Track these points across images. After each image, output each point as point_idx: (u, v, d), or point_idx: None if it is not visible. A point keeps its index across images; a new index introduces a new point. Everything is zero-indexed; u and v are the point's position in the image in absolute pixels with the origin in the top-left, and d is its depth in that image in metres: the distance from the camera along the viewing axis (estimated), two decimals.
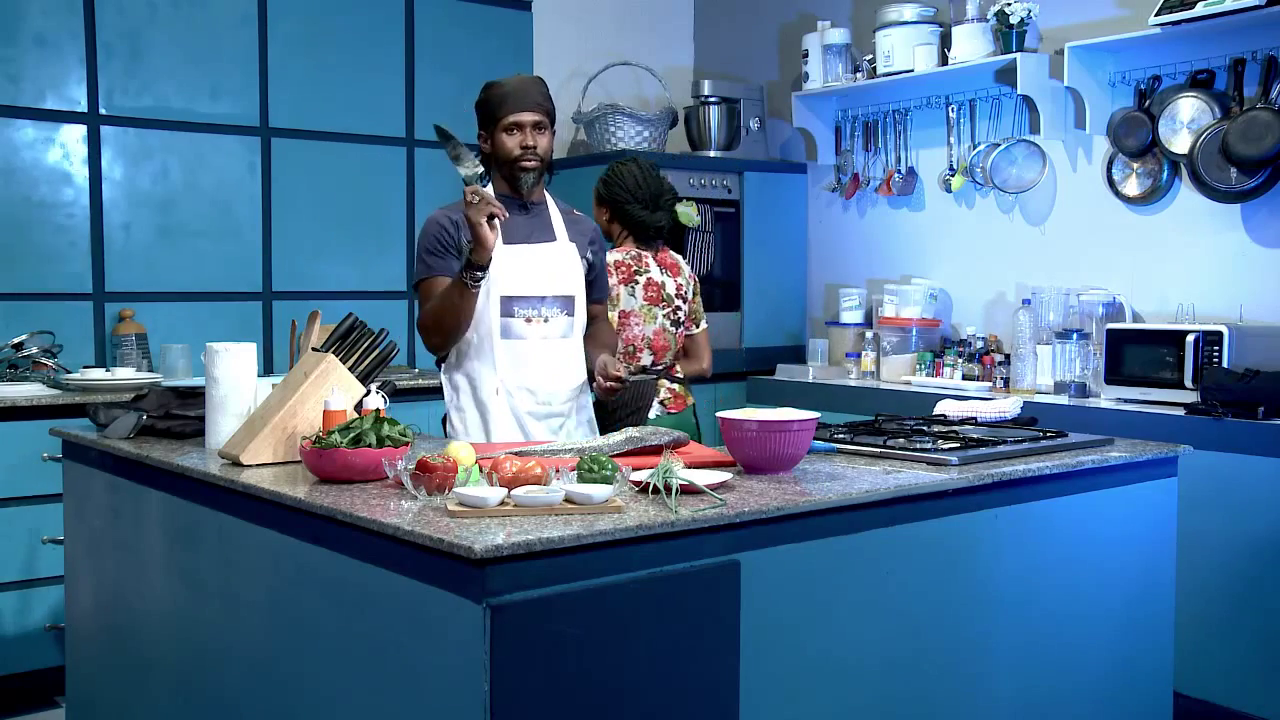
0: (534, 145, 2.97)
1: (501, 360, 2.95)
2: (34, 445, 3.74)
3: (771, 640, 2.01)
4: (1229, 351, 3.68)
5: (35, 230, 4.21)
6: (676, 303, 3.63)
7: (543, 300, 2.98)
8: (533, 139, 2.97)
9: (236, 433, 2.48)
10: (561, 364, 3.02)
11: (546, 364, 2.99)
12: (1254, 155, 3.84)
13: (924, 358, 4.73)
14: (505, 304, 2.94)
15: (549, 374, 2.99)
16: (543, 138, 2.99)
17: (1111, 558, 2.62)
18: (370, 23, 4.84)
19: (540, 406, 2.99)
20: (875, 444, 2.56)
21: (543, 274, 2.99)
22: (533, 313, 2.97)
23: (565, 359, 3.03)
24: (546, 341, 2.99)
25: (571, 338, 3.04)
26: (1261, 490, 3.42)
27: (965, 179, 4.77)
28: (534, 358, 2.97)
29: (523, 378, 2.97)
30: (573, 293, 3.03)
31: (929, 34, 4.75)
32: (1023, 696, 2.44)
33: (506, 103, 2.97)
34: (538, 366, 2.98)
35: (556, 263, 3.02)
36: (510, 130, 2.97)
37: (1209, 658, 3.50)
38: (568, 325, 3.02)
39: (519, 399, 2.97)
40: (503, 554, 1.68)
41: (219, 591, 2.36)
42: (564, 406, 3.03)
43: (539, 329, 2.97)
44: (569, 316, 3.02)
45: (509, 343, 2.95)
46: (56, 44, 4.21)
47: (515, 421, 2.97)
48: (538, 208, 3.08)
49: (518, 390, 2.97)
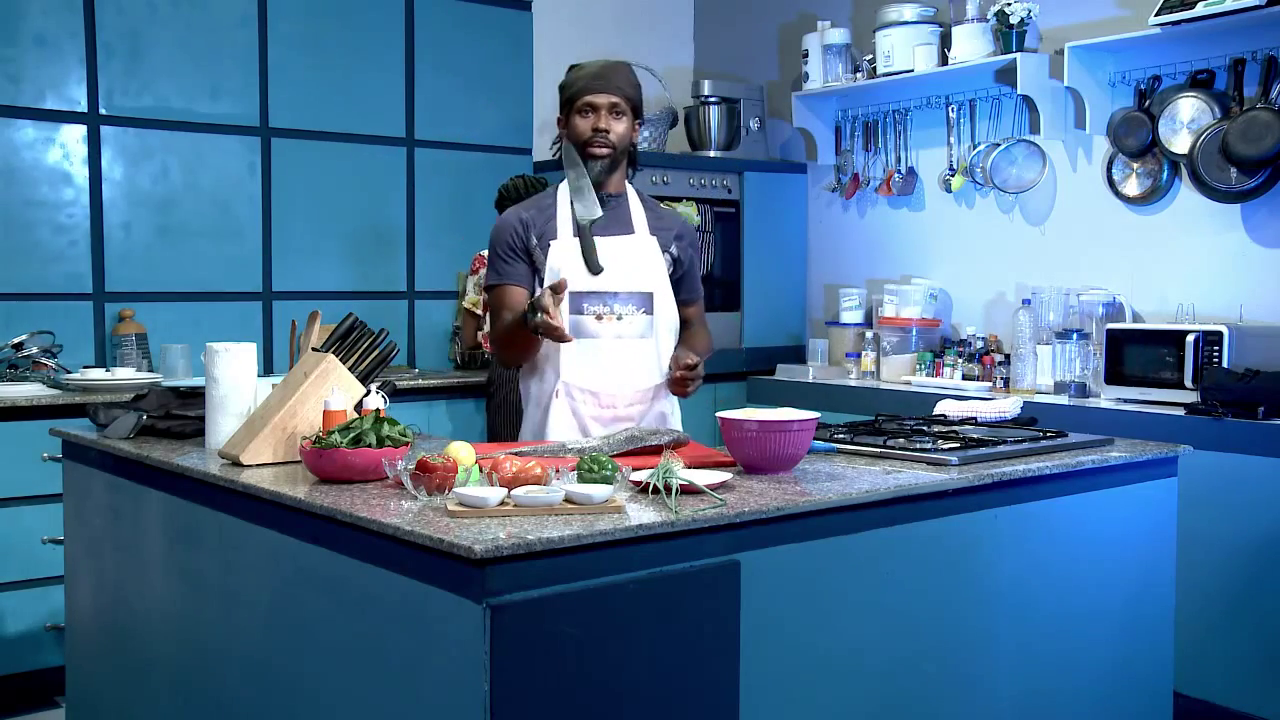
0: (606, 129, 2.80)
1: (568, 360, 2.78)
2: (34, 445, 3.74)
3: (771, 640, 2.01)
4: (1229, 351, 3.68)
5: (35, 230, 4.21)
6: None
7: (615, 296, 2.80)
8: (606, 123, 2.80)
9: (236, 433, 2.48)
10: (634, 366, 2.82)
11: (617, 365, 2.80)
12: (1254, 155, 3.84)
13: (924, 358, 4.73)
14: (574, 300, 2.76)
15: (618, 376, 2.81)
16: (619, 123, 2.82)
17: (1111, 558, 2.62)
18: (370, 23, 4.84)
19: (604, 410, 2.81)
20: (875, 444, 2.56)
21: (615, 269, 2.80)
22: (604, 309, 2.79)
23: (640, 360, 2.83)
24: (621, 341, 2.80)
25: (651, 338, 2.85)
26: (1261, 490, 3.42)
27: (965, 179, 4.77)
28: (604, 358, 2.79)
29: (588, 379, 2.79)
30: (651, 289, 2.84)
31: (929, 34, 4.75)
32: (1023, 696, 2.44)
33: (583, 83, 2.81)
34: (607, 367, 2.80)
35: (632, 256, 2.83)
36: (584, 112, 2.81)
37: (1209, 658, 3.50)
38: (646, 324, 2.83)
39: (581, 402, 2.80)
40: (503, 554, 1.68)
41: (219, 591, 2.36)
42: (632, 411, 2.83)
43: (611, 326, 2.79)
44: (648, 315, 2.83)
45: (578, 342, 2.76)
46: (56, 44, 4.21)
47: (577, 427, 2.80)
48: (616, 199, 2.89)
49: (580, 393, 2.80)
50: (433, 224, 5.03)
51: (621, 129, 2.83)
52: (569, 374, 2.80)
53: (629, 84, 2.85)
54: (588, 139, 2.81)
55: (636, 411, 2.84)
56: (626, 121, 2.85)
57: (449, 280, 5.05)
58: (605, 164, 2.83)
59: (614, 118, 2.82)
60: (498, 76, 5.14)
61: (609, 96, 2.81)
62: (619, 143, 2.83)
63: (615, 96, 2.81)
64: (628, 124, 2.85)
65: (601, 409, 2.81)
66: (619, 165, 2.88)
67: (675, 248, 2.94)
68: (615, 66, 2.87)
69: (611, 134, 2.81)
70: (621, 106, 2.83)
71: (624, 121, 2.84)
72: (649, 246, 2.87)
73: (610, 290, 2.81)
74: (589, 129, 2.81)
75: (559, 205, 2.87)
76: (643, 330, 2.84)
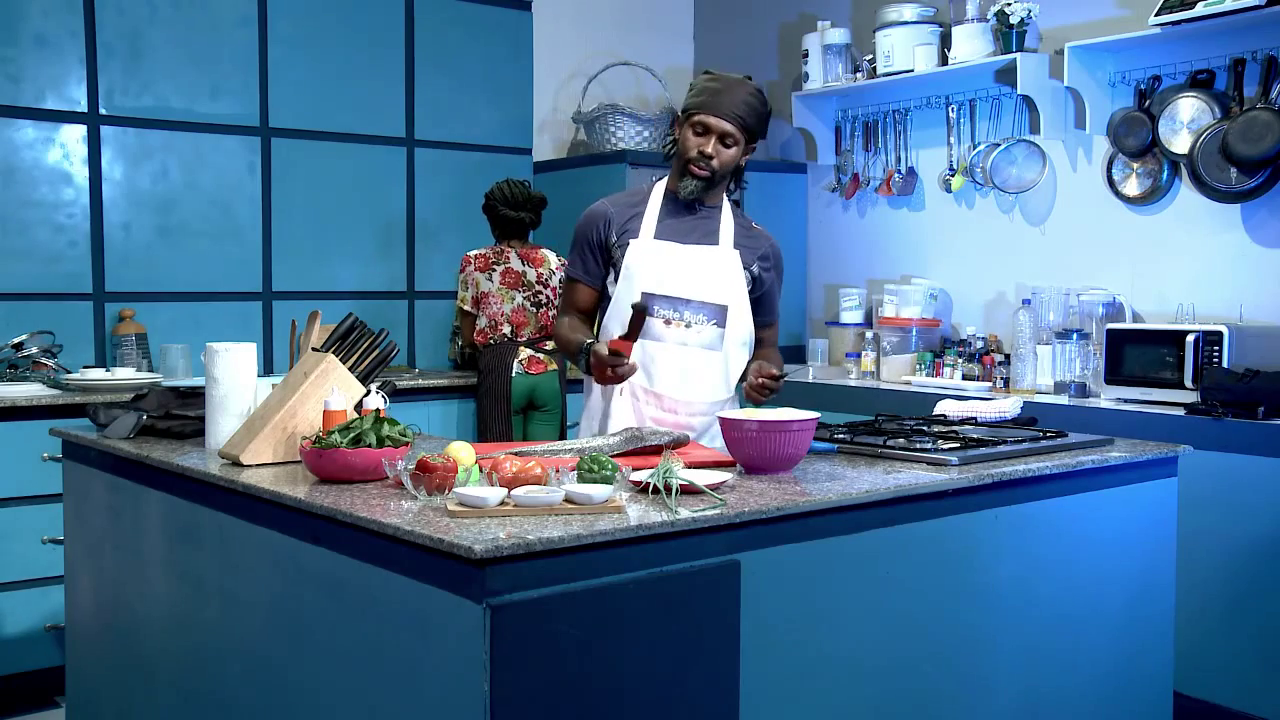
0: (713, 155, 2.76)
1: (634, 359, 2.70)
2: (34, 445, 3.74)
3: (771, 640, 2.01)
4: (1229, 351, 3.68)
5: (35, 230, 4.21)
6: (537, 287, 4.54)
7: (687, 303, 2.79)
8: (714, 149, 2.76)
9: (236, 433, 2.48)
10: (698, 374, 2.80)
11: (680, 371, 2.79)
12: (1254, 155, 3.84)
13: (924, 358, 4.73)
14: (646, 300, 2.74)
15: (681, 382, 2.79)
16: (727, 151, 2.77)
17: (1111, 557, 2.62)
18: (370, 23, 4.84)
19: (666, 414, 2.79)
20: (875, 444, 2.56)
21: (691, 276, 2.79)
22: (673, 314, 2.78)
23: (704, 370, 2.81)
24: (685, 348, 2.79)
25: (720, 351, 2.82)
26: (1261, 490, 3.42)
27: (965, 179, 4.77)
28: (666, 362, 2.78)
29: (651, 381, 2.79)
30: (726, 302, 2.81)
31: (929, 34, 4.75)
32: (1023, 696, 2.44)
33: (705, 99, 2.75)
34: (669, 372, 2.79)
35: (710, 267, 2.81)
36: (695, 129, 2.77)
37: (1209, 658, 3.50)
38: (715, 336, 2.81)
39: (644, 403, 2.79)
40: (503, 554, 1.68)
41: (219, 591, 2.36)
42: (694, 421, 2.81)
43: (678, 333, 2.78)
44: (718, 327, 2.81)
45: (643, 343, 2.75)
46: (56, 44, 4.21)
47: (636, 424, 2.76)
48: (709, 210, 2.88)
49: (644, 394, 2.79)
50: (433, 224, 5.03)
51: (728, 156, 2.79)
52: (635, 376, 2.76)
53: (750, 110, 2.78)
54: (692, 158, 2.78)
55: (699, 422, 2.82)
56: (737, 149, 2.80)
57: (449, 280, 5.05)
58: (699, 186, 2.81)
59: (722, 145, 2.77)
60: (498, 76, 5.14)
61: (724, 123, 2.75)
62: (721, 169, 2.80)
63: (730, 125, 2.75)
64: (737, 151, 2.80)
65: (663, 412, 2.80)
66: (720, 184, 2.86)
67: (758, 266, 2.92)
68: (740, 87, 2.78)
69: (716, 160, 2.77)
70: (736, 136, 2.77)
71: (734, 150, 2.79)
72: (730, 260, 2.85)
73: (684, 297, 2.79)
74: (695, 149, 2.77)
75: (649, 203, 2.87)
76: (711, 341, 2.82)
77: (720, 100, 2.75)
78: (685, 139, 2.79)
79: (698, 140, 2.77)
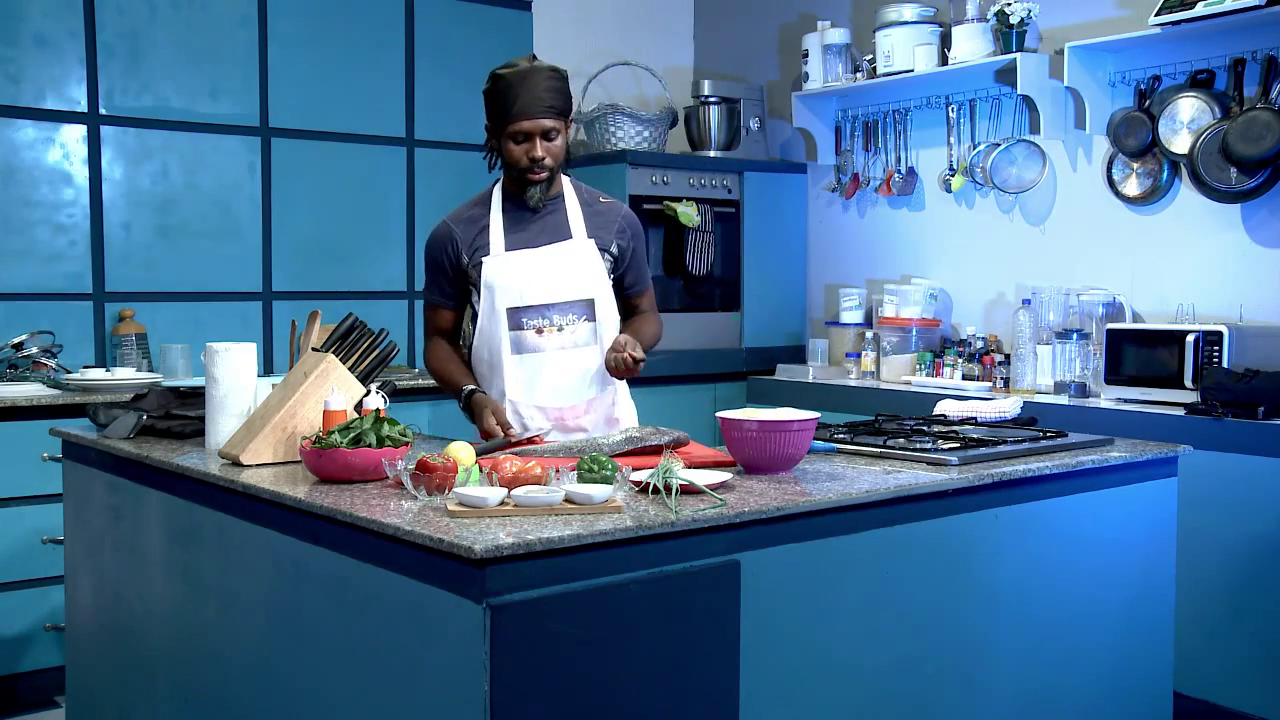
0: (542, 157, 2.71)
1: (513, 376, 2.75)
2: (34, 445, 3.74)
3: (771, 640, 2.01)
4: (1229, 351, 3.68)
5: (35, 230, 4.21)
6: None
7: (552, 307, 2.76)
8: (541, 150, 2.70)
9: (236, 433, 2.48)
10: (581, 376, 2.79)
11: (563, 377, 2.77)
12: (1254, 155, 3.84)
13: (924, 358, 4.73)
14: (512, 316, 2.74)
15: (566, 388, 2.78)
16: (554, 144, 2.72)
17: (1111, 558, 2.62)
18: (370, 23, 4.84)
19: (554, 424, 2.77)
20: (875, 444, 2.56)
21: (551, 279, 2.76)
22: (543, 322, 2.75)
23: (586, 369, 2.79)
24: (564, 352, 2.76)
25: (596, 345, 2.80)
26: (1261, 490, 3.42)
27: (965, 179, 4.77)
28: (548, 371, 2.76)
29: (535, 394, 2.77)
30: (592, 295, 2.78)
31: (929, 34, 4.75)
32: (1023, 696, 2.44)
33: (512, 108, 2.68)
34: (552, 381, 2.77)
35: (568, 264, 2.78)
36: (517, 138, 2.71)
37: (1209, 658, 3.50)
38: (589, 332, 2.79)
39: (529, 418, 2.77)
40: (503, 554, 1.68)
41: (219, 591, 2.36)
42: (582, 422, 2.81)
43: (554, 339, 2.75)
44: (590, 322, 2.79)
45: (522, 357, 2.75)
46: (56, 44, 4.21)
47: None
48: (551, 202, 2.83)
49: (528, 408, 2.77)
50: (433, 224, 5.01)
51: (557, 148, 2.74)
52: (514, 392, 2.77)
53: (555, 93, 2.71)
54: (524, 167, 2.73)
55: (589, 422, 2.82)
56: (561, 138, 2.74)
57: None
58: (542, 187, 2.77)
59: (548, 142, 2.72)
60: None
61: (540, 121, 2.69)
62: (556, 161, 2.76)
63: (547, 120, 2.69)
64: (562, 139, 2.75)
65: (551, 423, 2.78)
66: (554, 180, 2.82)
67: (615, 245, 2.87)
68: (543, 78, 2.71)
69: (548, 158, 2.73)
70: (554, 129, 2.72)
71: (558, 141, 2.74)
72: (586, 251, 2.80)
73: (548, 302, 2.76)
74: (524, 156, 2.72)
75: (492, 214, 2.83)
76: (586, 338, 2.80)
77: (526, 100, 2.67)
78: (509, 151, 2.73)
79: (523, 148, 2.72)
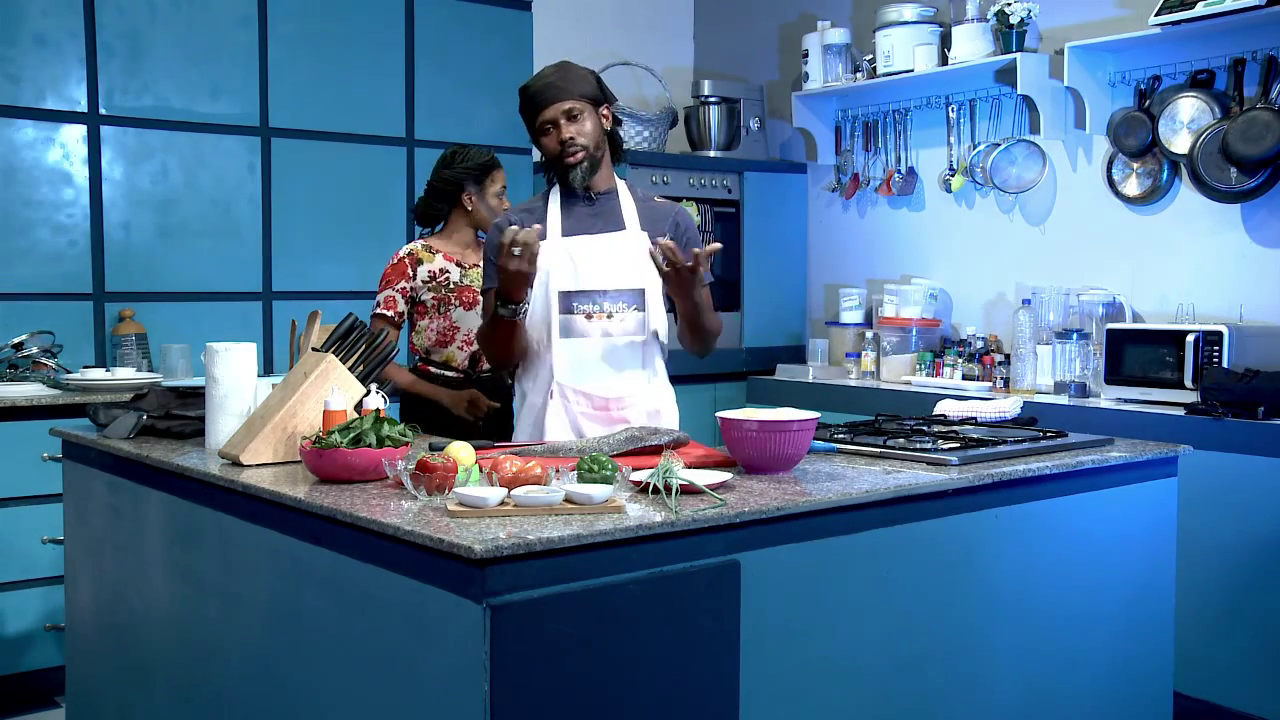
0: (571, 137, 2.78)
1: (560, 361, 2.77)
2: (34, 445, 3.74)
3: (771, 640, 2.01)
4: (1229, 351, 3.68)
5: (35, 230, 4.21)
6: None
7: (604, 294, 2.78)
8: (569, 130, 2.78)
9: (236, 433, 2.48)
10: (627, 364, 2.80)
11: (609, 364, 2.79)
12: (1254, 155, 3.84)
13: (924, 358, 4.73)
14: (564, 300, 2.76)
15: (611, 376, 2.79)
16: (581, 124, 2.79)
17: (1111, 558, 2.62)
18: (370, 23, 4.84)
19: (598, 412, 2.78)
20: (875, 444, 2.56)
21: (604, 265, 2.79)
22: (594, 308, 2.77)
23: (633, 359, 2.81)
24: (611, 339, 2.79)
25: (644, 335, 2.82)
26: (1261, 490, 3.42)
27: (965, 179, 4.77)
28: (595, 357, 2.78)
29: (580, 379, 2.78)
30: (643, 284, 2.80)
31: (929, 34, 4.75)
32: (1023, 696, 2.44)
33: (533, 104, 2.82)
34: (599, 367, 2.78)
35: (621, 253, 2.80)
36: (545, 131, 2.81)
37: (1209, 658, 3.50)
38: (638, 322, 2.80)
39: (575, 403, 2.78)
40: (503, 554, 1.68)
41: (219, 591, 2.36)
42: (626, 413, 2.80)
43: (602, 325, 2.78)
44: (640, 312, 2.80)
45: (569, 342, 2.77)
46: (56, 44, 4.21)
47: (571, 428, 2.78)
48: (605, 196, 2.88)
49: (573, 393, 2.78)
50: None
51: (587, 128, 2.81)
52: (561, 375, 2.79)
53: (578, 81, 2.81)
54: (558, 153, 2.81)
55: (632, 414, 2.82)
56: (590, 119, 2.81)
57: None
58: (583, 169, 2.81)
59: (573, 122, 2.79)
60: (498, 76, 5.14)
61: (559, 105, 2.78)
62: (590, 142, 2.81)
63: (566, 102, 2.79)
64: (593, 121, 2.82)
65: (595, 410, 2.80)
66: (600, 161, 2.86)
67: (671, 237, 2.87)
68: (558, 71, 2.83)
69: (578, 136, 2.79)
70: (577, 108, 2.80)
71: (587, 121, 2.81)
72: (639, 241, 2.83)
73: (599, 289, 2.79)
74: (555, 143, 2.81)
75: (550, 205, 2.89)
76: (634, 328, 2.81)
77: (543, 94, 2.80)
78: (544, 146, 2.83)
79: (552, 137, 2.81)
